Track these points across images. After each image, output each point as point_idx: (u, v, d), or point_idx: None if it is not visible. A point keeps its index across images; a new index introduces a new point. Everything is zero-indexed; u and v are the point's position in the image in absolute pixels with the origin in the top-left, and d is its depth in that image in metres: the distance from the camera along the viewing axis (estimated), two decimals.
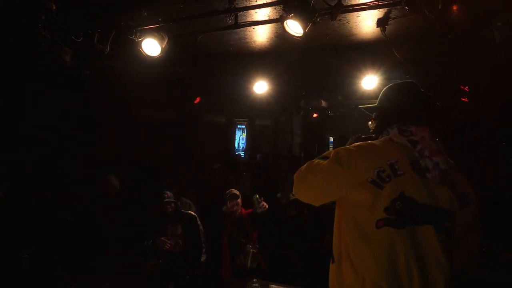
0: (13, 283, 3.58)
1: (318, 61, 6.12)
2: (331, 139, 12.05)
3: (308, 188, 1.73)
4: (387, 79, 6.35)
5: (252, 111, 10.93)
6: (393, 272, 1.50)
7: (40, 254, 3.89)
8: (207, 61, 6.54)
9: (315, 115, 11.35)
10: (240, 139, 11.74)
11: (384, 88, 1.90)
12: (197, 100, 8.33)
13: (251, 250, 4.27)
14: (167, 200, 4.47)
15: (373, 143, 1.71)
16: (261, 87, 6.77)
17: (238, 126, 11.62)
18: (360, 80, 6.22)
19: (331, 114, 11.27)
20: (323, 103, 9.13)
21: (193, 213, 4.71)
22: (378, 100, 1.89)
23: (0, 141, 4.72)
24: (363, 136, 1.89)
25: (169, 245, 4.33)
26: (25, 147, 4.95)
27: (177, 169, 6.61)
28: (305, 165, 1.78)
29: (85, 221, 4.50)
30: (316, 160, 1.75)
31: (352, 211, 1.61)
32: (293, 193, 1.82)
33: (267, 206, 4.26)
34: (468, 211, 1.61)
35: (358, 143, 1.74)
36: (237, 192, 4.58)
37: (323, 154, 1.79)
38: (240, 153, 11.43)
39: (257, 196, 4.31)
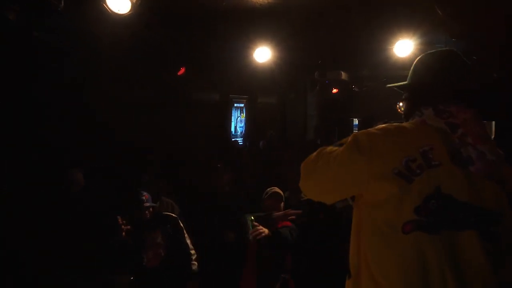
0: None
1: (337, 21, 6.06)
2: (356, 121, 12.08)
3: (318, 181, 1.74)
4: (426, 43, 6.31)
5: (253, 86, 10.96)
6: None
7: None
8: (193, 21, 6.51)
9: (334, 90, 11.30)
10: (238, 121, 11.84)
11: (416, 60, 1.89)
12: (181, 71, 8.33)
13: (282, 276, 4.10)
14: (145, 205, 4.46)
15: (402, 126, 1.70)
16: (263, 54, 6.80)
17: (236, 105, 11.70)
18: (392, 45, 6.24)
19: (356, 89, 11.24)
20: (343, 75, 9.07)
21: (173, 215, 4.74)
22: (409, 76, 1.89)
23: None
24: (394, 123, 1.87)
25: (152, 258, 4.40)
26: None
27: (156, 162, 6.62)
28: (315, 152, 1.79)
29: (38, 224, 4.56)
30: (329, 147, 1.76)
31: (372, 212, 1.62)
32: (300, 187, 1.81)
33: (266, 232, 3.63)
34: None
35: (383, 125, 1.72)
36: (280, 192, 4.42)
37: (340, 141, 1.79)
38: (238, 139, 11.51)
39: (252, 217, 3.74)
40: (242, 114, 11.91)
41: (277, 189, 4.41)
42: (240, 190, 5.85)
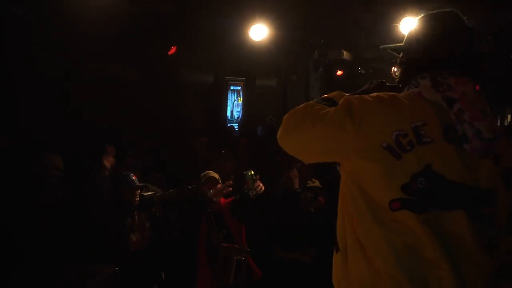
0: None
1: None
2: None
3: (303, 139, 1.73)
4: None
5: (250, 67, 10.92)
6: (415, 267, 1.55)
7: None
8: None
9: (339, 72, 11.29)
10: (234, 105, 11.81)
11: (417, 19, 1.86)
12: (172, 50, 8.32)
13: (235, 259, 4.30)
14: (136, 185, 4.54)
15: (396, 96, 1.70)
16: (259, 32, 6.80)
17: (232, 88, 11.64)
18: (398, 22, 6.20)
19: (362, 71, 11.21)
20: (346, 55, 9.04)
21: (158, 194, 4.83)
22: (405, 38, 1.87)
23: None
24: (387, 84, 1.89)
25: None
26: None
27: (143, 147, 6.67)
28: (301, 105, 1.78)
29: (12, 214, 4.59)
30: (318, 105, 1.75)
31: (359, 185, 1.65)
32: (279, 140, 1.80)
33: (263, 188, 4.29)
34: None
35: (377, 93, 1.72)
36: (216, 176, 4.61)
37: (329, 95, 1.82)
38: (234, 124, 11.53)
39: (251, 172, 4.31)
40: (239, 98, 11.90)
41: (212, 173, 4.58)
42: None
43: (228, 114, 11.62)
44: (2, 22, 5.56)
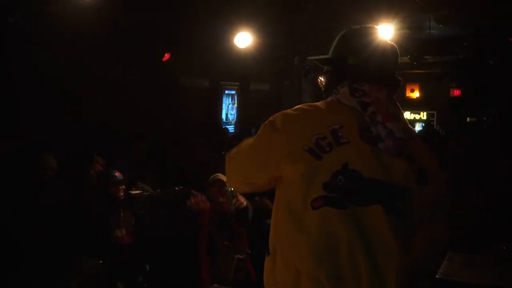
0: None
1: (317, 5, 6.34)
2: None
3: (238, 168, 1.88)
4: (406, 28, 6.51)
5: (245, 72, 11.05)
6: (333, 263, 1.61)
7: None
8: (175, 5, 6.75)
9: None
10: (229, 108, 11.96)
11: (339, 34, 1.98)
12: (166, 57, 8.51)
13: (236, 257, 4.38)
14: (117, 180, 4.78)
15: (316, 105, 1.83)
16: (243, 40, 7.10)
17: (226, 92, 11.79)
18: None
19: None
20: None
21: (145, 193, 5.11)
22: (330, 50, 1.98)
23: None
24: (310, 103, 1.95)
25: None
26: None
27: (136, 148, 6.81)
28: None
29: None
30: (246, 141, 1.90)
31: (284, 189, 1.74)
32: (227, 183, 2.04)
33: (244, 204, 4.27)
34: (429, 190, 1.74)
35: (299, 105, 1.84)
36: (224, 178, 4.58)
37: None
38: (228, 126, 11.68)
39: (231, 189, 4.32)
40: (233, 102, 12.09)
41: (220, 176, 4.59)
42: None
43: (224, 116, 11.76)
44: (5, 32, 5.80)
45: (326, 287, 1.60)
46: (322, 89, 1.99)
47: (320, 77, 2.04)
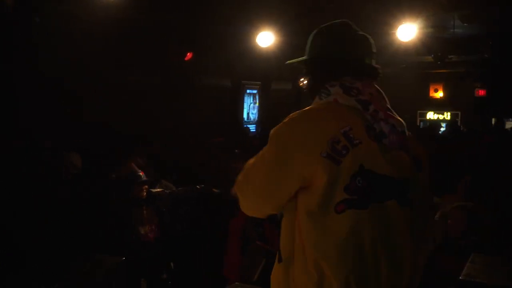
0: None
1: (338, 4, 6.30)
2: None
3: (255, 192, 1.82)
4: (430, 27, 6.45)
5: (266, 72, 11.04)
6: (360, 263, 1.66)
7: None
8: (196, 5, 6.78)
9: None
10: (251, 108, 12.02)
11: (311, 34, 1.97)
12: (188, 56, 8.56)
13: (265, 258, 4.30)
14: (142, 181, 4.84)
15: (316, 109, 1.81)
16: (265, 39, 7.09)
17: (248, 91, 11.85)
18: (395, 29, 6.42)
19: None
20: None
21: (166, 191, 5.15)
22: (307, 51, 1.97)
23: None
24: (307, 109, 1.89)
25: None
26: None
27: (163, 147, 6.97)
28: (242, 172, 1.88)
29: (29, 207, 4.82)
30: (252, 159, 1.86)
31: (305, 196, 1.72)
32: (243, 210, 1.92)
33: None
34: (424, 176, 1.83)
35: (298, 111, 1.81)
36: None
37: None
38: (250, 126, 11.73)
39: None
40: (255, 101, 12.13)
41: None
42: None
43: (245, 116, 11.81)
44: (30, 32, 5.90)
45: (353, 287, 1.65)
46: (305, 90, 2.00)
47: (301, 79, 2.02)
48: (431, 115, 14.53)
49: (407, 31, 6.33)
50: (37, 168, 5.17)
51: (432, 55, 8.89)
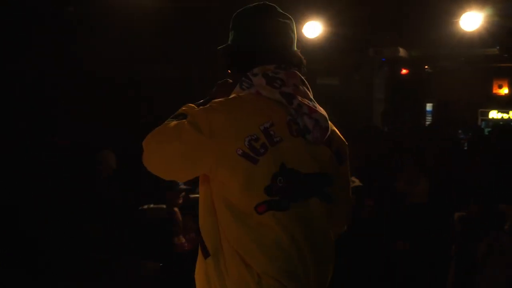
0: None
1: None
2: (429, 106, 11.83)
3: (163, 159, 1.78)
4: (498, 16, 6.00)
5: (310, 66, 10.67)
6: (287, 263, 1.65)
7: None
8: None
9: (404, 71, 10.99)
10: None
11: (232, 16, 1.89)
12: None
13: None
14: (180, 189, 4.76)
15: (241, 99, 1.75)
16: (313, 29, 6.74)
17: None
18: (458, 17, 6.00)
19: (429, 70, 10.88)
20: (402, 52, 8.79)
21: None
22: (230, 36, 1.90)
23: None
24: (230, 81, 1.89)
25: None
26: None
27: None
28: (158, 127, 1.80)
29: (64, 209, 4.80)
30: (172, 121, 1.78)
31: (224, 193, 1.70)
32: (144, 163, 1.83)
33: None
34: (344, 169, 1.88)
35: (221, 99, 1.76)
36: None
37: (180, 110, 1.82)
38: None
39: None
40: None
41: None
42: None
43: None
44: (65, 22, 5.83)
45: (284, 285, 1.64)
46: (230, 81, 1.90)
47: (227, 70, 1.92)
48: (494, 114, 13.61)
49: (472, 20, 5.88)
50: (80, 168, 5.26)
51: (498, 47, 8.41)
